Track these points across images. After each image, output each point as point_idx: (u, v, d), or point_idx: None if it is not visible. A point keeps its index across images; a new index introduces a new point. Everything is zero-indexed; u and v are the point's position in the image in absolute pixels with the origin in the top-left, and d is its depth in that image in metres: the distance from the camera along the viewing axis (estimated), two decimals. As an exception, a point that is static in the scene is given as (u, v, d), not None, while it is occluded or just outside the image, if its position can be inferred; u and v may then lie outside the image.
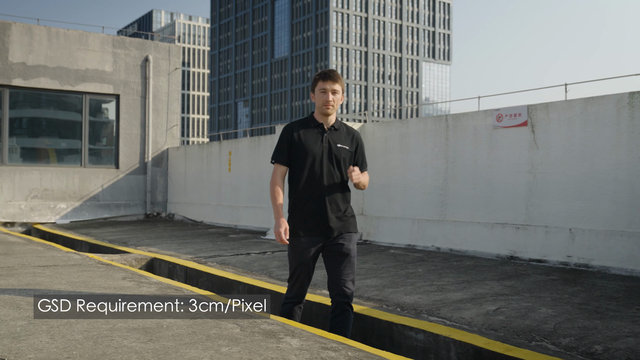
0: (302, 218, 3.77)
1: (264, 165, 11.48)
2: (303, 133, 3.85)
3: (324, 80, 3.81)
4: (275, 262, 7.13)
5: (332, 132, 3.86)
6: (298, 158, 3.82)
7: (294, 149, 3.83)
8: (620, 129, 6.17)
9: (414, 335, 4.05)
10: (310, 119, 3.91)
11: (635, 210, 6.03)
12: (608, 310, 4.37)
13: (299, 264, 3.81)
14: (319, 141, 3.83)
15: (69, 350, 2.95)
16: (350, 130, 3.97)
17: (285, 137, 3.86)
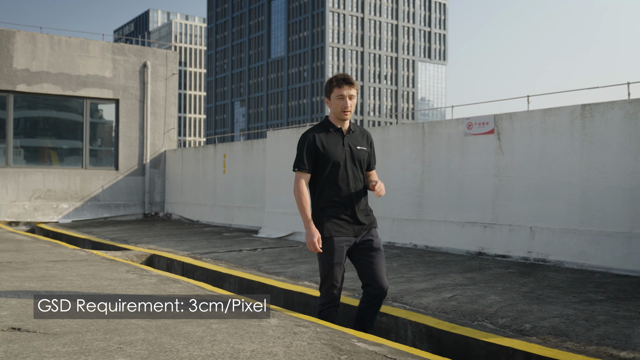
0: (332, 220, 3.84)
1: (257, 167, 12.14)
2: (325, 139, 3.88)
3: (340, 86, 3.85)
4: (264, 258, 7.80)
5: (350, 135, 3.95)
6: (323, 164, 3.87)
7: (318, 155, 3.87)
8: (573, 137, 6.86)
9: (379, 318, 4.72)
10: (328, 124, 3.96)
11: (586, 211, 6.71)
12: (548, 297, 5.05)
13: (335, 264, 3.86)
14: (340, 146, 3.89)
15: (87, 326, 3.62)
16: (363, 131, 4.09)
17: (307, 145, 3.88)
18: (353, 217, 3.87)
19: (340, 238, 3.85)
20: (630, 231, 6.29)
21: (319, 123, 4.02)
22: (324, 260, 3.90)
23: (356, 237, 3.90)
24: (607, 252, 6.43)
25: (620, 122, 6.43)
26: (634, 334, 3.84)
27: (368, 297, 3.95)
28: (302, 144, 3.91)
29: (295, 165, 3.91)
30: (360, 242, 3.92)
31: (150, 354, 3.00)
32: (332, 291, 3.93)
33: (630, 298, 4.99)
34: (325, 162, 3.85)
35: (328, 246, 3.85)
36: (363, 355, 3.14)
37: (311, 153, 3.86)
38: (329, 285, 3.91)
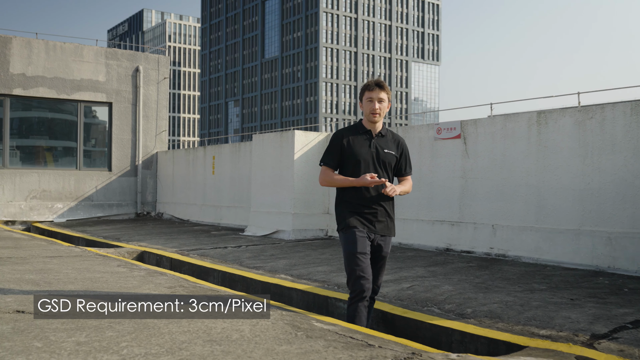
0: (354, 216, 3.99)
1: (244, 169, 12.70)
2: (352, 139, 4.05)
3: (370, 90, 4.01)
4: (247, 254, 8.37)
5: (379, 138, 4.07)
6: (348, 163, 4.02)
7: (344, 154, 4.03)
8: (530, 142, 7.45)
9: (342, 305, 5.29)
10: (359, 126, 4.13)
11: (541, 210, 7.30)
12: (496, 287, 5.63)
13: (358, 254, 3.92)
14: (367, 146, 4.03)
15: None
16: (396, 137, 4.19)
17: (336, 143, 4.05)
18: (374, 216, 4.00)
19: (362, 231, 3.96)
20: (579, 228, 6.88)
21: (353, 124, 4.20)
22: (347, 251, 3.97)
23: (373, 236, 4.01)
24: (559, 247, 7.02)
25: (571, 129, 7.02)
26: (557, 317, 4.42)
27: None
28: (331, 141, 4.10)
29: (321, 160, 4.11)
30: (374, 245, 4.04)
31: (136, 330, 3.56)
32: (360, 282, 3.90)
33: (568, 287, 5.58)
34: (350, 160, 4.01)
35: (350, 236, 3.96)
36: (318, 332, 3.71)
37: (337, 150, 4.03)
38: (355, 277, 3.93)
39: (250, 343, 3.34)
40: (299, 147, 10.17)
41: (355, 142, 4.04)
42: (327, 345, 3.35)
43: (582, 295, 5.22)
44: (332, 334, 3.69)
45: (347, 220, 3.99)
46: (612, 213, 6.59)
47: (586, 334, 3.96)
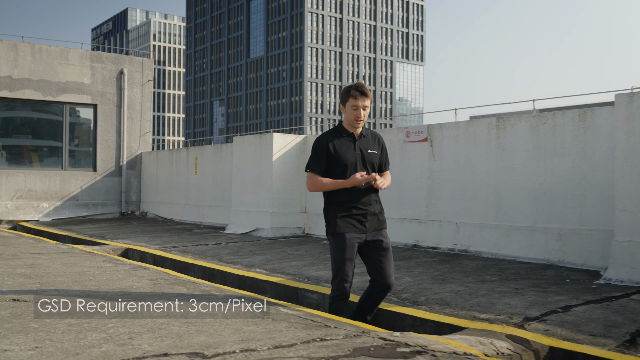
0: (343, 219, 4.10)
1: (225, 169, 13.16)
2: (337, 143, 4.13)
3: (355, 97, 4.08)
4: (226, 250, 8.84)
5: (361, 139, 4.20)
6: (336, 167, 4.12)
7: (330, 159, 4.11)
8: (490, 145, 7.99)
9: (311, 295, 5.79)
10: (341, 129, 4.21)
11: (499, 208, 7.85)
12: (451, 278, 6.16)
13: (346, 260, 4.10)
14: (352, 149, 4.13)
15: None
16: (375, 135, 4.32)
17: (322, 148, 4.14)
18: (364, 216, 4.12)
19: (352, 235, 4.09)
20: (533, 225, 7.44)
21: (333, 128, 4.27)
22: (336, 256, 4.14)
23: (366, 235, 4.15)
24: (515, 243, 7.58)
25: (526, 133, 7.58)
26: (499, 303, 4.96)
27: (373, 290, 4.26)
28: (315, 147, 4.19)
29: (307, 166, 4.20)
30: (371, 240, 4.17)
31: (120, 314, 4.04)
32: (343, 285, 4.17)
33: (517, 279, 6.13)
34: (337, 164, 4.11)
35: (340, 242, 4.11)
36: (283, 316, 4.20)
37: (323, 156, 4.13)
38: (340, 279, 4.15)
39: (221, 324, 3.82)
40: (277, 148, 10.65)
41: (341, 147, 4.13)
42: (289, 326, 3.85)
43: (527, 285, 5.76)
44: (295, 317, 4.18)
45: (337, 225, 4.10)
46: (562, 211, 7.15)
47: (520, 317, 4.49)
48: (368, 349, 3.31)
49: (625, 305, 4.84)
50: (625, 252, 5.86)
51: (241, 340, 3.41)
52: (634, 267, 5.76)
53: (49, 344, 3.24)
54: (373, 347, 3.35)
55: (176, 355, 3.06)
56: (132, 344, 3.27)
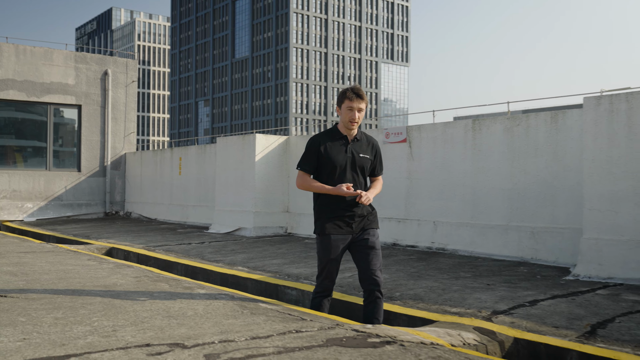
0: (330, 220, 4.16)
1: (209, 170, 13.30)
2: (329, 145, 4.17)
3: (351, 100, 4.11)
4: (209, 249, 8.99)
5: (355, 142, 4.21)
6: (325, 167, 4.15)
7: (320, 159, 4.16)
8: (466, 146, 8.22)
9: (290, 291, 5.97)
10: (335, 131, 4.24)
11: (475, 207, 8.08)
12: (427, 275, 6.37)
13: (330, 260, 4.18)
14: (343, 152, 4.15)
15: (58, 294, 4.79)
16: (370, 140, 4.32)
17: (313, 148, 4.18)
18: (350, 218, 4.15)
19: (337, 236, 4.16)
20: (508, 224, 7.68)
21: (328, 129, 4.30)
22: (321, 256, 4.24)
23: (353, 235, 4.20)
24: (490, 241, 7.81)
25: (501, 135, 7.82)
26: (470, 298, 5.17)
27: (366, 294, 4.23)
28: (308, 146, 4.23)
29: (298, 165, 4.24)
30: (358, 240, 4.20)
31: (105, 309, 4.20)
32: (326, 283, 4.29)
33: (490, 275, 6.35)
34: (326, 165, 4.14)
35: (325, 243, 4.18)
36: (261, 310, 4.37)
37: (314, 156, 4.17)
38: (323, 278, 4.26)
39: (202, 318, 3.99)
40: (259, 149, 10.82)
41: (332, 148, 4.16)
42: (267, 320, 4.03)
43: (499, 281, 5.98)
44: (273, 311, 4.36)
45: (323, 227, 4.17)
46: (535, 210, 7.39)
47: (488, 310, 4.70)
48: (340, 339, 3.50)
49: (590, 300, 5.07)
50: (593, 249, 6.10)
51: (220, 332, 3.58)
52: (601, 264, 6.00)
53: (36, 336, 3.39)
54: (345, 337, 3.54)
55: (158, 346, 3.23)
56: (116, 336, 3.43)
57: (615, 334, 4.01)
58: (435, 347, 3.43)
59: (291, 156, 11.16)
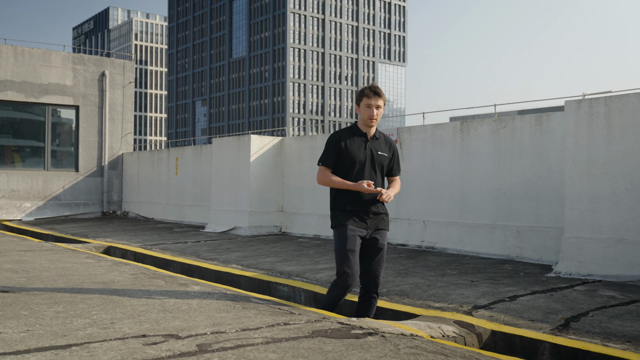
0: (346, 213, 4.23)
1: (205, 170, 13.52)
2: (349, 141, 4.26)
3: (369, 97, 4.22)
4: (205, 248, 9.21)
5: (373, 140, 4.31)
6: (344, 163, 4.24)
7: (341, 155, 4.25)
8: (455, 148, 8.45)
9: (282, 288, 6.19)
10: (355, 128, 4.35)
11: (463, 207, 8.31)
12: (414, 272, 6.59)
13: (347, 250, 4.18)
14: (362, 149, 4.25)
15: (59, 290, 5.00)
16: (388, 139, 4.43)
17: (334, 144, 4.28)
18: (366, 214, 4.25)
19: (353, 227, 4.20)
20: (494, 223, 7.91)
21: (348, 127, 4.41)
22: (337, 247, 4.24)
23: (367, 232, 4.27)
24: (477, 240, 8.04)
25: (488, 136, 8.05)
26: (453, 294, 5.40)
27: (362, 290, 4.37)
28: (329, 142, 4.32)
29: (320, 160, 4.33)
30: (369, 238, 4.28)
31: (103, 303, 4.41)
32: (344, 277, 4.18)
33: (475, 272, 6.58)
34: (346, 161, 4.23)
35: (342, 233, 4.21)
36: (253, 305, 4.59)
37: (335, 152, 4.26)
38: (342, 272, 4.20)
39: (195, 312, 4.21)
40: (254, 150, 11.04)
41: (353, 145, 4.26)
42: (257, 313, 4.25)
43: (483, 278, 6.21)
44: (264, 306, 4.58)
45: (340, 219, 4.24)
46: (521, 210, 7.62)
47: (470, 305, 4.93)
48: (326, 331, 3.72)
49: (567, 295, 5.30)
50: (573, 247, 6.33)
51: (212, 325, 3.80)
52: (582, 261, 6.24)
53: (38, 328, 3.61)
54: (330, 329, 3.76)
55: (153, 336, 3.45)
56: (114, 328, 3.65)
57: (587, 327, 4.24)
58: (415, 338, 3.65)
59: (285, 157, 11.39)
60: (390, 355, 3.18)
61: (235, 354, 3.10)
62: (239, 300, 4.78)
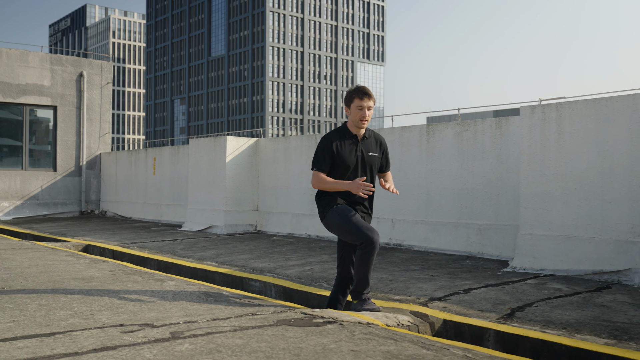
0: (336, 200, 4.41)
1: (182, 170, 13.79)
2: (340, 144, 4.37)
3: (361, 98, 4.32)
4: (181, 246, 9.51)
5: (364, 141, 4.43)
6: (336, 166, 4.37)
7: (333, 158, 4.35)
8: (421, 149, 8.85)
9: (254, 283, 6.53)
10: (345, 130, 4.44)
11: (429, 206, 8.72)
12: (380, 268, 6.96)
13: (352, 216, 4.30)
14: (353, 152, 4.37)
15: (40, 285, 5.29)
16: (378, 138, 4.56)
17: (326, 148, 4.37)
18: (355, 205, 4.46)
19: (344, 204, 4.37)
20: (457, 221, 8.33)
21: (338, 128, 4.50)
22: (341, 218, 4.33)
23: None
24: (442, 237, 8.46)
25: (452, 139, 8.46)
26: (413, 287, 5.78)
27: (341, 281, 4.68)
28: (321, 147, 4.41)
29: (313, 165, 4.42)
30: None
31: (83, 297, 4.72)
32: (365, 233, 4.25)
33: (436, 268, 6.98)
34: (338, 165, 4.36)
35: (339, 208, 4.35)
36: (224, 298, 4.93)
37: (328, 155, 4.36)
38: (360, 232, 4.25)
39: (170, 304, 4.54)
40: (230, 150, 11.35)
41: (344, 148, 4.36)
42: (228, 305, 4.59)
43: (443, 273, 6.61)
44: (235, 299, 4.92)
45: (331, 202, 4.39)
46: (482, 208, 8.05)
47: (426, 297, 5.32)
48: (289, 320, 4.07)
49: (518, 288, 5.71)
50: (527, 243, 6.76)
51: (185, 315, 4.14)
52: (535, 257, 6.67)
53: (23, 319, 3.91)
54: (294, 319, 4.12)
55: (130, 325, 3.77)
56: (94, 318, 3.97)
57: (530, 316, 4.64)
58: (370, 326, 4.02)
59: (261, 157, 11.72)
60: (345, 340, 3.54)
61: (205, 340, 3.45)
62: (212, 294, 5.11)
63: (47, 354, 3.09)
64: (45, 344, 3.28)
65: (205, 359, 3.06)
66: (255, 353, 3.19)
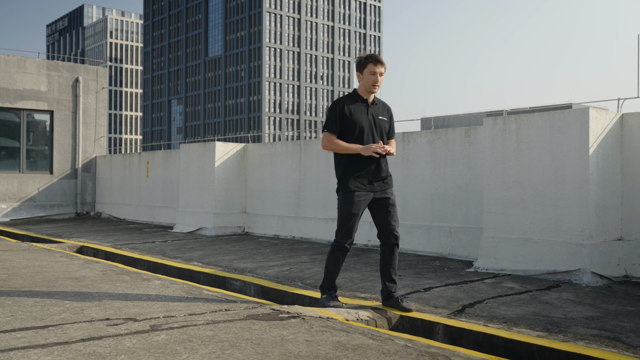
0: (354, 178, 4.56)
1: (174, 173, 14.29)
2: (352, 107, 4.51)
3: (374, 64, 4.48)
4: (171, 247, 10.01)
5: (374, 106, 4.60)
6: (348, 129, 4.50)
7: (344, 120, 4.49)
8: (397, 156, 9.34)
9: (235, 283, 7.03)
10: (356, 95, 4.59)
11: (404, 209, 9.20)
12: (353, 268, 7.47)
13: (352, 215, 4.58)
14: (365, 114, 4.52)
15: (36, 284, 5.79)
16: (385, 105, 4.74)
17: (337, 111, 4.53)
18: (373, 176, 4.59)
19: (360, 193, 4.56)
20: (430, 224, 8.84)
21: (348, 94, 4.67)
22: (343, 211, 4.63)
23: (374, 193, 4.64)
24: (416, 239, 8.97)
25: (426, 146, 8.97)
26: (379, 286, 6.28)
27: (384, 246, 4.83)
28: (332, 109, 4.59)
29: (325, 127, 4.59)
30: (380, 198, 4.67)
31: (76, 294, 5.23)
32: (346, 238, 4.67)
33: (406, 268, 7.48)
34: (351, 127, 4.51)
35: (348, 200, 4.58)
36: (204, 295, 5.43)
37: (339, 117, 4.53)
38: (344, 232, 4.66)
39: (153, 301, 5.05)
40: (219, 155, 11.86)
41: (356, 111, 4.54)
42: (205, 302, 5.10)
43: (410, 273, 7.12)
44: (213, 297, 5.43)
45: (348, 184, 4.58)
46: (452, 212, 8.56)
47: (389, 295, 5.82)
48: (258, 315, 4.58)
49: (474, 287, 6.23)
50: (490, 245, 7.27)
51: (166, 311, 4.65)
52: (496, 258, 7.18)
53: (21, 314, 4.42)
54: (262, 314, 4.63)
55: (115, 319, 4.28)
56: (84, 313, 4.48)
57: (477, 312, 5.15)
58: (329, 320, 4.53)
59: (248, 162, 12.23)
60: (302, 332, 4.06)
61: (180, 332, 3.96)
62: (193, 291, 5.62)
63: (41, 343, 3.60)
64: (39, 335, 3.79)
65: (178, 347, 3.57)
66: (221, 342, 3.71)
